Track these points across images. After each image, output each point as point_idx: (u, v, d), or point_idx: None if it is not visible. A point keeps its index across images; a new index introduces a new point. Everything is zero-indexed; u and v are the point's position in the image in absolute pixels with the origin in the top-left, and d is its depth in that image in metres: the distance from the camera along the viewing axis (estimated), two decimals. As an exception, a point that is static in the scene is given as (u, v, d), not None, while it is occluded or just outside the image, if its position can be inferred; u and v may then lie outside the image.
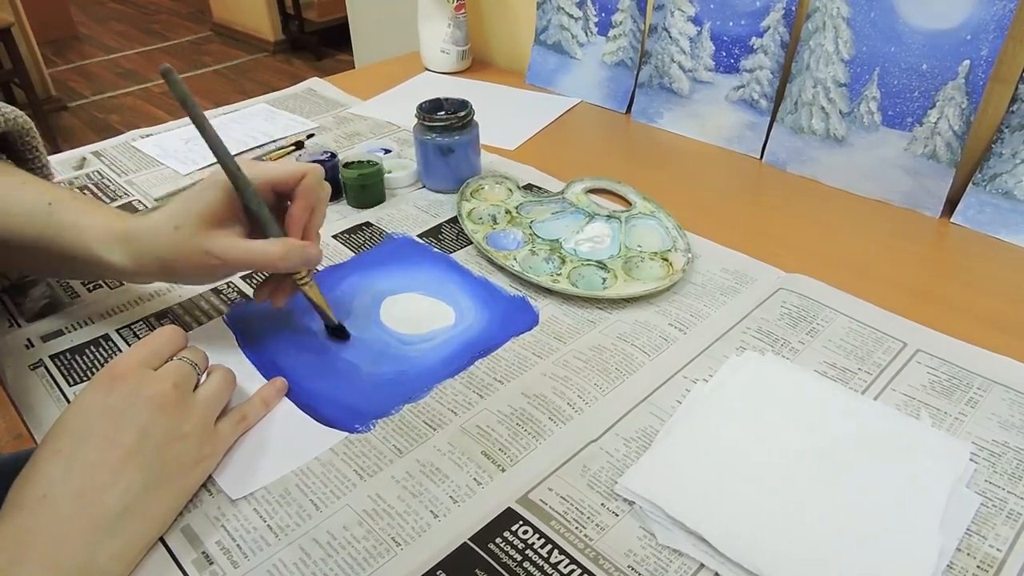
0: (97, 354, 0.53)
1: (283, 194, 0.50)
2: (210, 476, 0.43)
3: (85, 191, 0.75)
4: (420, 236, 0.66)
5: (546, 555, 0.39)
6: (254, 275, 0.61)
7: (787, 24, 0.75)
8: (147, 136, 0.87)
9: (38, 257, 0.50)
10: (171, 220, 0.47)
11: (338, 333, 0.54)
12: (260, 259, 0.48)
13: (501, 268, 0.61)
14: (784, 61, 0.76)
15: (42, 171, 0.58)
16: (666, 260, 0.61)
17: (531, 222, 0.66)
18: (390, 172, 0.74)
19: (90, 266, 0.49)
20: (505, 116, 0.90)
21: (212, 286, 0.60)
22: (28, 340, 0.54)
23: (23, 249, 0.49)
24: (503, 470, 0.43)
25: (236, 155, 0.79)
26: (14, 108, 0.54)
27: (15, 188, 0.50)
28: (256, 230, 0.50)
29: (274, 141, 0.84)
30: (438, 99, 0.73)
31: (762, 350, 0.52)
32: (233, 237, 0.48)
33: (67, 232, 0.48)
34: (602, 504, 0.41)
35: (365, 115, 0.92)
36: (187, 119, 0.91)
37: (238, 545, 0.39)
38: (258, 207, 0.48)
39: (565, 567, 0.38)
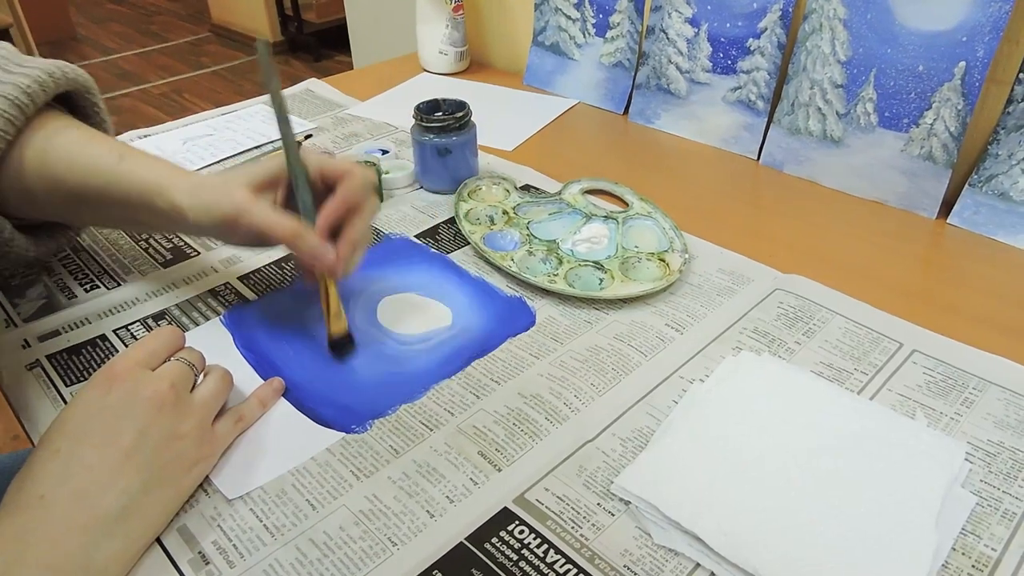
0: (94, 354, 0.53)
1: (332, 188, 0.51)
2: (207, 476, 0.43)
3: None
4: (417, 236, 0.66)
5: (542, 555, 0.39)
6: (252, 276, 0.61)
7: (784, 26, 0.75)
8: (145, 137, 0.86)
9: (108, 209, 0.53)
10: (224, 176, 0.51)
11: (337, 348, 0.52)
12: (271, 226, 0.48)
13: (498, 268, 0.61)
14: (781, 62, 0.77)
15: (103, 127, 0.59)
16: (663, 261, 0.61)
17: (528, 223, 0.66)
18: (388, 173, 0.74)
19: (160, 214, 0.51)
20: (503, 117, 0.91)
21: (213, 285, 0.60)
22: (25, 340, 0.54)
23: (94, 202, 0.52)
24: (499, 470, 0.44)
25: (234, 155, 0.79)
26: (75, 66, 0.56)
27: (83, 143, 0.52)
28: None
29: (272, 142, 0.84)
30: (436, 100, 0.73)
31: (758, 350, 0.52)
32: (261, 200, 0.49)
33: (141, 182, 0.51)
34: (598, 504, 0.42)
35: (363, 116, 0.92)
36: (183, 120, 0.92)
37: (234, 545, 0.39)
38: (302, 191, 0.50)
39: (561, 567, 0.38)
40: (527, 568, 0.38)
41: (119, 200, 0.51)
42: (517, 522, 0.40)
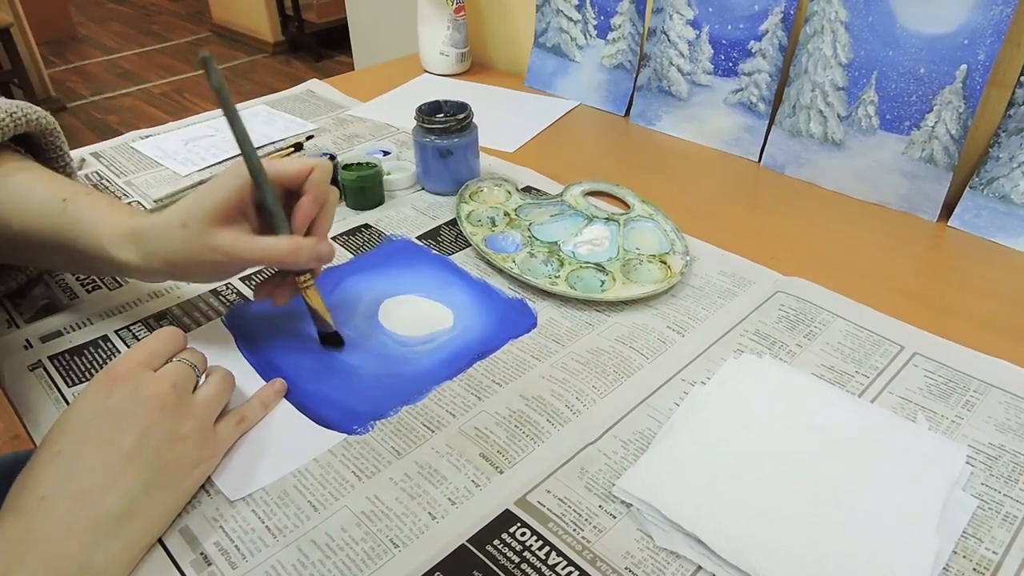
0: (96, 355, 0.53)
1: (292, 192, 0.50)
2: (208, 477, 0.43)
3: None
4: (419, 238, 0.66)
5: (544, 557, 0.39)
6: (253, 276, 0.61)
7: (785, 28, 0.75)
8: (146, 137, 0.87)
9: (51, 253, 0.52)
10: (179, 218, 0.47)
11: (331, 340, 0.53)
12: (268, 255, 0.48)
13: (500, 270, 0.61)
14: (782, 65, 0.77)
15: (65, 170, 0.59)
16: (664, 263, 0.61)
17: (530, 224, 0.66)
18: (389, 174, 0.74)
19: (102, 263, 0.50)
20: (504, 118, 0.91)
21: (212, 286, 0.60)
22: (27, 341, 0.54)
23: (37, 245, 0.51)
24: (501, 472, 0.44)
25: (232, 158, 0.79)
26: (39, 108, 0.56)
27: (31, 185, 0.51)
28: (265, 228, 0.49)
29: (273, 143, 0.84)
30: (437, 101, 0.73)
31: (760, 353, 0.52)
32: (241, 234, 0.47)
33: (79, 230, 0.49)
34: (600, 506, 0.42)
35: (364, 117, 0.92)
36: (185, 121, 0.92)
37: (236, 546, 0.39)
38: (274, 204, 0.48)
39: (563, 569, 0.38)
40: (529, 570, 0.38)
41: (63, 247, 0.50)
42: (519, 524, 0.40)
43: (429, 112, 0.72)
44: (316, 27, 3.53)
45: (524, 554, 0.39)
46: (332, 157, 0.71)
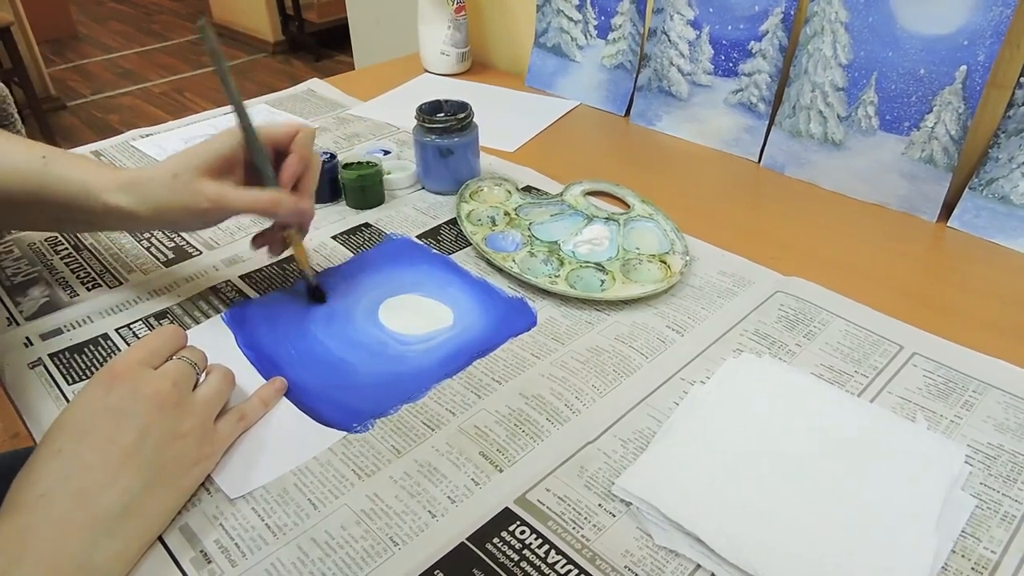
0: (96, 353, 0.53)
1: (281, 153, 0.54)
2: (209, 475, 0.43)
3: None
4: (419, 237, 0.67)
5: (543, 555, 0.39)
6: (253, 275, 0.61)
7: (785, 28, 0.75)
8: (146, 136, 0.87)
9: (33, 211, 0.52)
10: (171, 169, 0.50)
11: (315, 296, 0.58)
12: (251, 204, 0.51)
13: (500, 269, 0.61)
14: (782, 65, 0.77)
15: (17, 135, 0.58)
16: (664, 262, 0.61)
17: (530, 224, 0.67)
18: (389, 173, 0.74)
19: (91, 214, 0.51)
20: (504, 118, 0.91)
21: (212, 283, 0.60)
22: (27, 339, 0.54)
23: (18, 204, 0.51)
24: (501, 471, 0.44)
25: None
26: None
27: (5, 145, 0.51)
28: (255, 185, 0.53)
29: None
30: (438, 101, 0.73)
31: (759, 352, 0.52)
32: (227, 184, 0.51)
33: (67, 181, 0.50)
34: (599, 505, 0.42)
35: (365, 116, 0.92)
36: (185, 120, 0.92)
37: (236, 544, 0.40)
38: (261, 160, 0.52)
39: (562, 567, 0.38)
40: (528, 568, 0.38)
41: (48, 202, 0.51)
42: (518, 522, 0.41)
43: (429, 111, 0.72)
44: (316, 27, 3.53)
45: (523, 552, 0.39)
46: (332, 156, 0.71)
